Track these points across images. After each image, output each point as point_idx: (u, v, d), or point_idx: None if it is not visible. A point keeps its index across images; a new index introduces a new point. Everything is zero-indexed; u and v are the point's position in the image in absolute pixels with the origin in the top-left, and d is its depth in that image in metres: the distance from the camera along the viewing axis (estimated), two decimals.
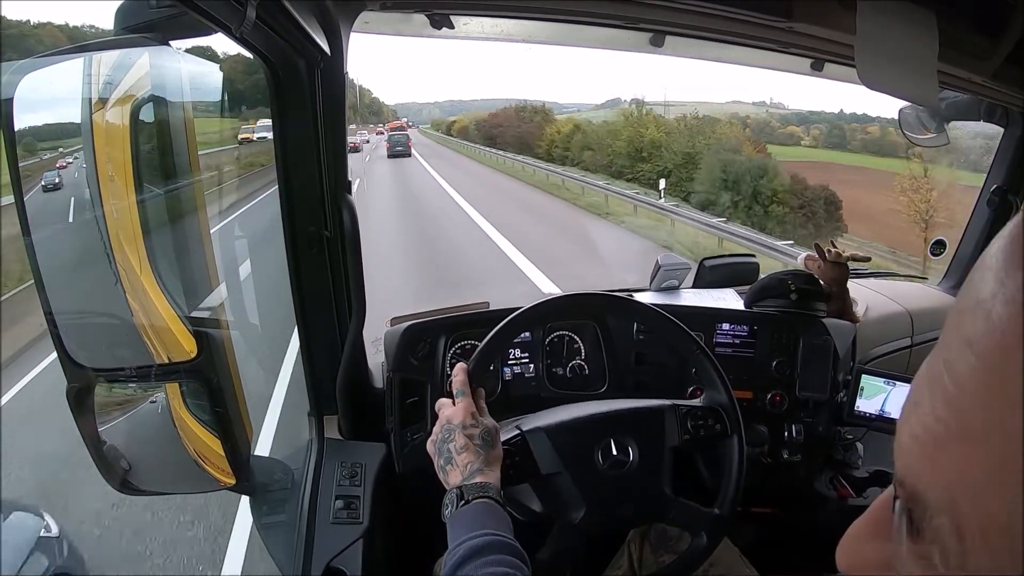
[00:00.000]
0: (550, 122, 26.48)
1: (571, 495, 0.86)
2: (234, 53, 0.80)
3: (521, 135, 26.50)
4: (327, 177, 0.98)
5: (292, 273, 1.03)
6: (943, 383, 0.22)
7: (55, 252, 0.74)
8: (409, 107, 49.83)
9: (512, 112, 29.32)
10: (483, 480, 0.74)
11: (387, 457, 1.13)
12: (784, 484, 1.31)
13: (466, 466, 0.75)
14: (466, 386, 0.82)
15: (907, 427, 0.24)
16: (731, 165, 15.92)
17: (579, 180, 14.48)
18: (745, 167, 15.72)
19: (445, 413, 0.81)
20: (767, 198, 15.00)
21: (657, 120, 20.71)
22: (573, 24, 1.11)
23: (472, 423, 0.79)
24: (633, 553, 1.04)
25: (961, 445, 0.21)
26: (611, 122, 23.14)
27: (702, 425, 0.93)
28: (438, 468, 0.79)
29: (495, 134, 28.97)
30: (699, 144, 18.33)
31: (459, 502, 0.72)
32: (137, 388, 0.85)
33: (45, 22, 2.41)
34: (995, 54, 0.92)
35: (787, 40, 1.09)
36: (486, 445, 0.78)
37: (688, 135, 19.22)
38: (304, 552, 0.92)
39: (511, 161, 21.17)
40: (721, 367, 0.96)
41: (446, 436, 0.78)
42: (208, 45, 0.81)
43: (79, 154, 0.77)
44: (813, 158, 18.68)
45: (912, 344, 1.55)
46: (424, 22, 1.04)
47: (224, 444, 0.82)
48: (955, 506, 0.21)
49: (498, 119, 30.45)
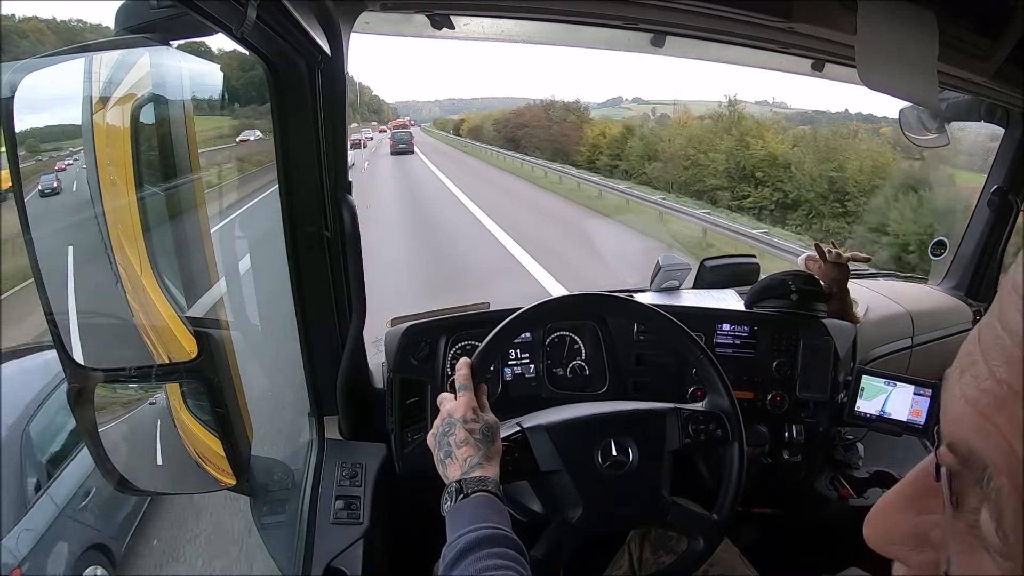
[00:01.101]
0: (587, 122, 21.41)
1: (569, 494, 0.86)
2: (230, 50, 0.80)
3: (553, 138, 21.60)
4: (327, 177, 0.98)
5: (292, 273, 1.03)
6: (1004, 346, 0.22)
7: (55, 252, 0.74)
8: (409, 105, 49.34)
9: (540, 110, 23.91)
10: (482, 474, 0.74)
11: (387, 457, 1.13)
12: (785, 484, 1.31)
13: (465, 460, 0.75)
14: (469, 380, 0.82)
15: (958, 393, 0.24)
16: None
17: (684, 213, 9.37)
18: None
19: (446, 407, 0.81)
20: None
21: (773, 127, 14.89)
22: (573, 25, 1.11)
23: (473, 418, 0.79)
24: (633, 553, 1.04)
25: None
26: (669, 126, 17.91)
27: (703, 429, 0.93)
28: (437, 462, 0.79)
29: (519, 136, 23.93)
30: (844, 165, 11.98)
31: (458, 496, 0.72)
32: (137, 388, 0.85)
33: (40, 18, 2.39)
34: (995, 54, 0.92)
35: (787, 40, 1.10)
36: (486, 440, 0.78)
37: (818, 150, 12.78)
38: (304, 552, 0.93)
39: (544, 170, 16.03)
40: (722, 367, 0.96)
41: (446, 430, 0.79)
42: (209, 45, 0.81)
43: (79, 155, 0.77)
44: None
45: (912, 344, 1.55)
46: (424, 22, 1.04)
47: (224, 444, 0.82)
48: (1017, 465, 0.21)
49: (523, 118, 24.84)
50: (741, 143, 14.24)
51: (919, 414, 1.21)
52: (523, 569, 0.65)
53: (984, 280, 1.73)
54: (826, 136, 13.70)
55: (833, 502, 1.29)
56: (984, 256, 1.71)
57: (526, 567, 0.66)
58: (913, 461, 1.11)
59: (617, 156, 17.91)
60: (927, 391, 1.20)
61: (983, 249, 1.70)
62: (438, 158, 20.53)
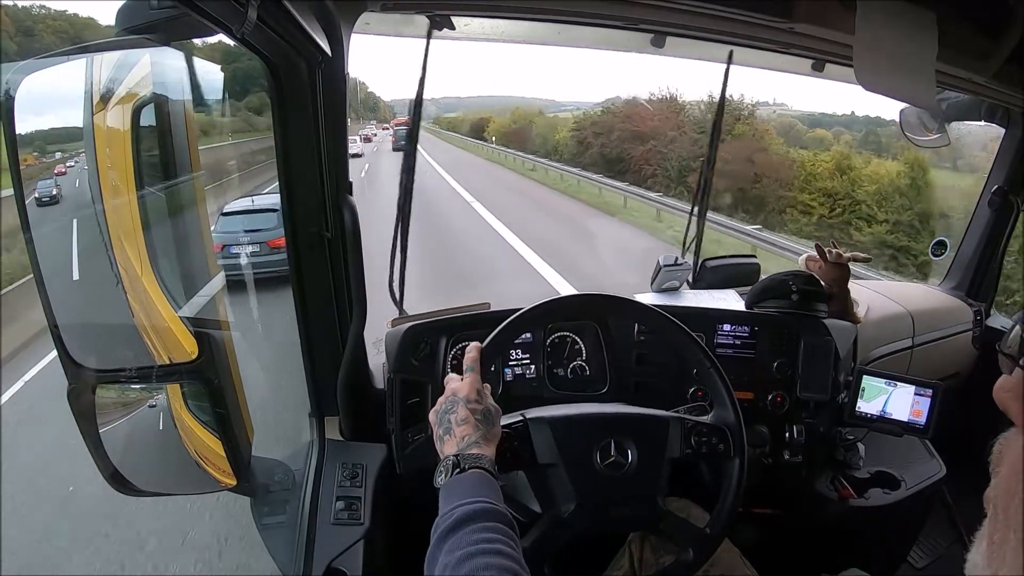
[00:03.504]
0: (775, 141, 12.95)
1: (564, 488, 0.86)
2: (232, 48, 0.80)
3: (730, 170, 11.01)
4: (328, 178, 0.98)
5: (293, 274, 1.03)
6: None
7: (55, 253, 0.74)
8: (405, 103, 48.97)
9: (664, 113, 14.54)
10: (479, 452, 0.75)
11: (388, 458, 1.13)
12: (785, 485, 1.31)
13: (463, 438, 0.76)
14: (477, 364, 0.83)
15: None
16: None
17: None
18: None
19: (451, 386, 0.82)
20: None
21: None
22: (574, 25, 1.11)
23: (476, 399, 0.79)
24: (634, 553, 1.04)
25: None
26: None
27: (705, 442, 0.93)
28: (436, 438, 0.79)
29: (634, 155, 14.30)
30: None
31: (454, 470, 0.72)
32: (138, 389, 0.85)
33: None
34: (995, 54, 0.92)
35: (788, 41, 1.10)
36: (487, 422, 0.78)
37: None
38: (305, 553, 0.93)
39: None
40: (722, 368, 0.96)
41: (448, 407, 0.79)
42: (208, 45, 0.81)
43: (79, 157, 0.77)
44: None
45: (913, 345, 1.55)
46: (425, 23, 1.04)
47: (225, 445, 0.82)
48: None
49: (636, 125, 14.72)
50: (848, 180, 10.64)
51: (920, 414, 1.21)
52: (515, 544, 0.66)
53: (984, 280, 1.73)
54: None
55: (834, 502, 1.29)
56: (984, 256, 1.71)
57: (518, 545, 0.66)
58: (914, 462, 1.12)
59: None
60: (928, 391, 1.20)
61: (983, 249, 1.70)
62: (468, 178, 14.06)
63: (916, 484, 1.30)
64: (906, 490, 1.29)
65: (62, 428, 2.22)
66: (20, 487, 2.86)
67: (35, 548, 2.56)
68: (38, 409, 3.44)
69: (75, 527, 2.63)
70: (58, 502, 2.73)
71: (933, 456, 1.36)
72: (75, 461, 2.43)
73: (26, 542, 2.58)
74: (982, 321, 1.70)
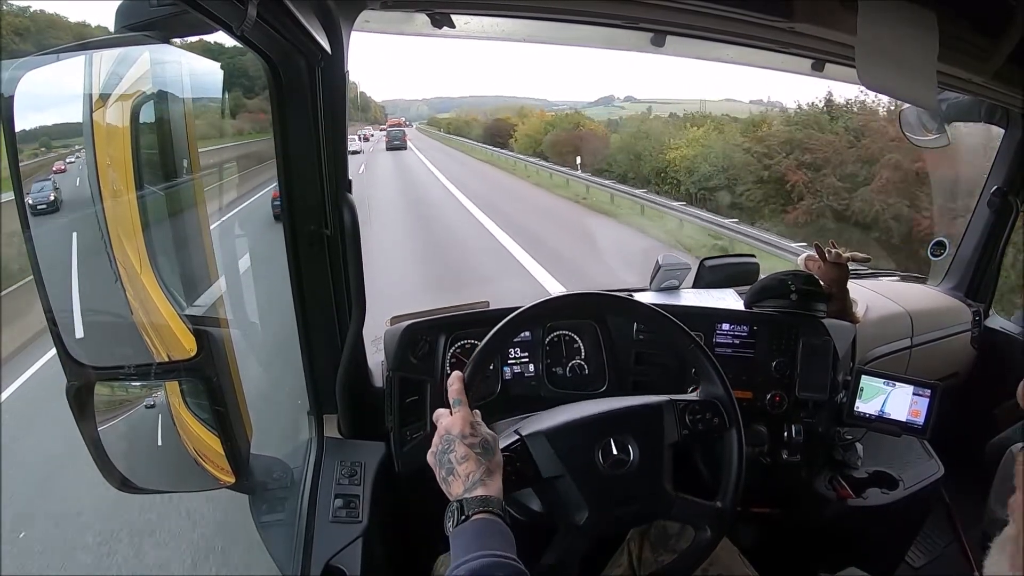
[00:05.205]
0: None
1: (574, 497, 0.85)
2: (231, 47, 0.80)
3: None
4: (327, 175, 0.98)
5: (292, 272, 1.03)
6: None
7: (55, 252, 0.74)
8: (397, 104, 48.20)
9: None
10: (484, 493, 0.74)
11: (387, 456, 1.13)
12: (784, 484, 1.31)
13: (468, 476, 0.75)
14: (462, 395, 0.81)
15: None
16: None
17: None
18: None
19: (443, 424, 0.80)
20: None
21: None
22: (574, 24, 1.11)
23: (471, 432, 0.78)
24: (633, 552, 1.04)
25: None
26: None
27: (700, 419, 0.93)
28: (440, 480, 0.78)
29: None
30: None
31: (459, 516, 0.72)
32: (137, 386, 0.85)
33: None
34: (995, 54, 0.93)
35: (788, 40, 1.10)
36: (487, 453, 0.77)
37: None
38: (303, 551, 0.93)
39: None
40: (721, 367, 0.96)
41: (446, 447, 0.78)
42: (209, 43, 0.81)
43: (79, 154, 0.77)
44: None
45: (912, 345, 1.55)
46: (425, 21, 1.04)
47: (224, 443, 0.82)
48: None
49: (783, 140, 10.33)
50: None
51: (918, 414, 1.21)
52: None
53: (983, 280, 1.73)
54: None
55: (832, 502, 1.29)
56: (984, 256, 1.71)
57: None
58: (913, 462, 1.12)
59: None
60: (926, 391, 1.20)
61: (983, 249, 1.70)
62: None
63: (914, 484, 1.30)
64: (904, 490, 1.29)
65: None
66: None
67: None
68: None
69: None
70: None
71: (931, 456, 1.36)
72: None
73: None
74: (981, 321, 1.70)
